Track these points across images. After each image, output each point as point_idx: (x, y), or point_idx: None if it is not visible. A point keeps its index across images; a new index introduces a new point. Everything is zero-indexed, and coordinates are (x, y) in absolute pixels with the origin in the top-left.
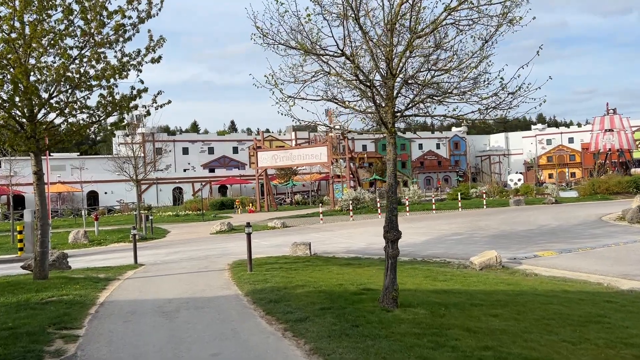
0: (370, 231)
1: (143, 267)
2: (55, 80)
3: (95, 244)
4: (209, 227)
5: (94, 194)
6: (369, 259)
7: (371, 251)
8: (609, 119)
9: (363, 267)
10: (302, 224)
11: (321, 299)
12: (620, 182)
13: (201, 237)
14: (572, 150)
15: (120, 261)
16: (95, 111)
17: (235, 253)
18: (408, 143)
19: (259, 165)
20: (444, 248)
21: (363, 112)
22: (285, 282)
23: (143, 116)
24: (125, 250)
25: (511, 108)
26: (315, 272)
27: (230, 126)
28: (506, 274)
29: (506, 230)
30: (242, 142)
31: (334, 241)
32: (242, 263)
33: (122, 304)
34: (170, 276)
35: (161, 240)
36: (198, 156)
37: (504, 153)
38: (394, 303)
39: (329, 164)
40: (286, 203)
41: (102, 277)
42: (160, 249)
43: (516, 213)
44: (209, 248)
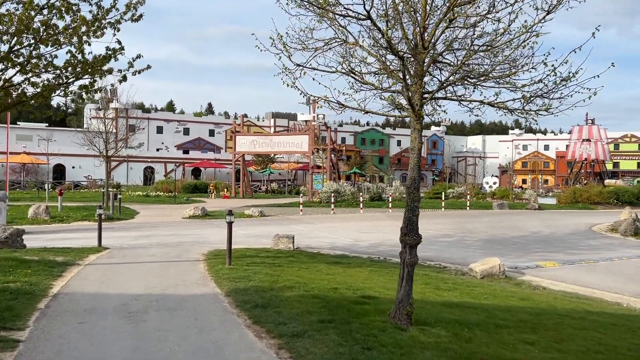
0: (354, 227)
1: (108, 251)
2: (17, 32)
3: (57, 221)
4: (181, 211)
5: (61, 167)
6: (357, 257)
7: (358, 249)
8: (587, 129)
9: (353, 268)
10: (281, 214)
11: (317, 307)
12: (602, 193)
13: (173, 221)
14: (547, 158)
15: (83, 242)
16: (63, 71)
17: (210, 241)
18: (387, 139)
19: (237, 150)
20: (435, 251)
21: (386, 90)
22: (270, 281)
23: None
24: (89, 230)
25: (562, 98)
26: (302, 271)
27: (207, 108)
28: (511, 285)
29: (497, 235)
30: (219, 125)
31: (317, 235)
32: (219, 254)
33: (79, 298)
34: (138, 265)
35: (129, 221)
36: (172, 136)
37: (480, 155)
38: (408, 320)
39: (310, 153)
40: (261, 191)
41: (59, 260)
42: (128, 232)
43: (501, 217)
44: (182, 234)
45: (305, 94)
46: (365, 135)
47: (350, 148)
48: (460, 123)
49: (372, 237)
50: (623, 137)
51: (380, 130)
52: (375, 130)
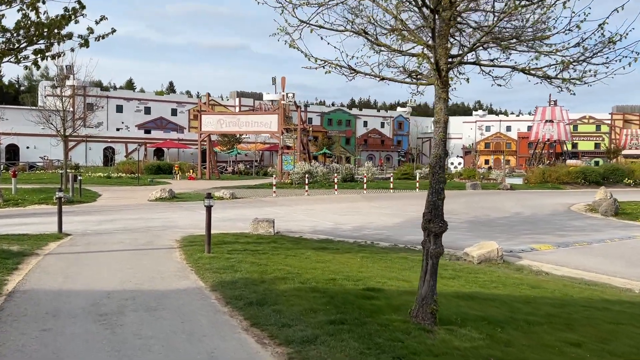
0: (332, 209)
1: (70, 238)
2: None
3: (12, 205)
4: (146, 193)
5: (14, 147)
6: (343, 242)
7: (342, 233)
8: (550, 109)
9: (342, 253)
10: (253, 195)
11: (320, 303)
12: (570, 173)
13: (138, 204)
14: (509, 139)
15: (41, 228)
16: (14, 35)
17: (181, 226)
18: (353, 119)
19: (203, 130)
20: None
21: (404, 53)
22: (258, 271)
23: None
24: (47, 214)
25: (607, 63)
26: (290, 259)
27: (169, 87)
28: (513, 271)
29: (480, 217)
30: (181, 104)
31: (295, 218)
32: (194, 240)
33: (40, 297)
34: (105, 254)
35: (91, 204)
36: (133, 115)
37: None
38: (433, 319)
39: (279, 133)
40: (228, 172)
41: (14, 250)
42: (91, 216)
43: (477, 197)
44: (149, 218)
45: (309, 56)
46: (331, 115)
47: (317, 129)
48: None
49: (353, 220)
50: (581, 118)
51: (346, 111)
52: (341, 110)
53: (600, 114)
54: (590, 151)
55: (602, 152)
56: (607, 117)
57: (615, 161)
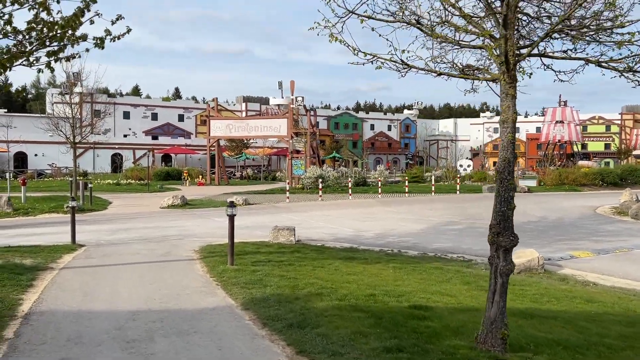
0: (349, 215)
1: (84, 249)
2: None
3: (22, 214)
4: (157, 200)
5: (22, 155)
6: (369, 251)
7: (364, 240)
8: (560, 110)
9: (372, 264)
10: (266, 201)
11: (367, 324)
12: (587, 174)
13: (151, 212)
14: (518, 140)
15: (53, 239)
16: (26, 37)
17: (197, 234)
18: (360, 123)
19: (212, 135)
20: (449, 241)
21: (464, 45)
22: (289, 286)
23: (96, 45)
24: (58, 224)
25: None
26: (318, 271)
27: (175, 93)
28: (557, 281)
29: None
30: (188, 109)
31: (313, 225)
32: (214, 250)
33: (58, 320)
34: (123, 267)
35: (102, 212)
36: (140, 122)
37: (452, 139)
38: (504, 345)
39: (289, 137)
40: (236, 177)
41: (28, 264)
42: (103, 225)
43: None
44: (164, 226)
45: (357, 50)
46: (338, 119)
47: (323, 132)
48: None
49: (374, 226)
50: (591, 119)
51: (353, 114)
52: (348, 114)
53: (610, 114)
54: (601, 152)
55: (612, 153)
56: (617, 117)
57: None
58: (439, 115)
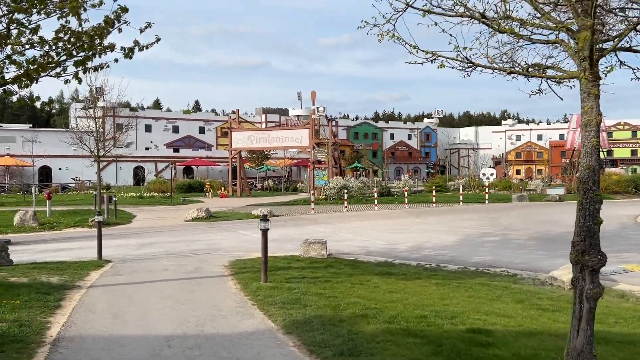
0: (378, 226)
1: (110, 265)
2: None
3: (47, 228)
4: (180, 213)
5: (47, 169)
6: (405, 265)
7: (398, 254)
8: None
9: (412, 280)
10: (291, 213)
11: (425, 352)
12: (620, 182)
13: (175, 225)
14: (541, 148)
15: (79, 254)
16: (52, 47)
17: (225, 248)
18: (380, 132)
19: (233, 147)
20: (488, 254)
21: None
22: (331, 306)
23: (125, 55)
24: (83, 238)
25: None
26: (357, 288)
27: (195, 106)
28: (616, 298)
29: (542, 232)
30: (209, 122)
31: (342, 237)
32: (245, 265)
33: (89, 346)
34: (153, 285)
35: (127, 226)
36: (162, 134)
37: (473, 147)
38: None
39: (311, 148)
40: (257, 188)
41: (55, 282)
42: (129, 239)
43: (529, 210)
44: (190, 240)
45: (417, 48)
46: (357, 129)
47: (343, 142)
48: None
49: (406, 239)
50: (616, 125)
51: (372, 124)
52: (367, 123)
53: (636, 119)
54: (627, 158)
55: (639, 159)
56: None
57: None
58: (458, 123)
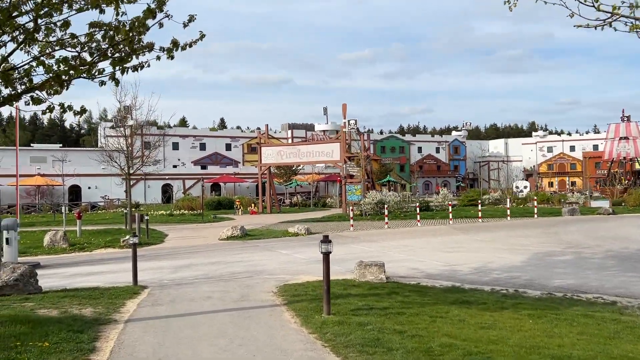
0: (428, 244)
1: (147, 292)
2: None
3: (77, 249)
4: (213, 231)
5: (76, 188)
6: (478, 291)
7: (464, 277)
8: (624, 126)
9: (496, 310)
10: (328, 230)
11: None
12: None
13: (210, 245)
14: (574, 159)
15: (112, 278)
16: (85, 46)
17: (268, 270)
18: (407, 146)
19: (263, 162)
20: (568, 276)
21: None
22: (421, 349)
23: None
24: (115, 260)
25: None
26: (440, 323)
27: (220, 123)
28: None
29: (617, 250)
30: (235, 138)
31: (394, 258)
32: (297, 291)
33: None
34: (198, 319)
35: (160, 246)
36: (189, 152)
37: (503, 159)
38: None
39: (342, 162)
40: (285, 204)
41: (88, 315)
42: (163, 260)
43: (589, 225)
44: (228, 261)
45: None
46: (384, 142)
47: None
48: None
49: (465, 259)
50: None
51: (399, 137)
52: (394, 137)
53: None
54: None
55: None
56: None
57: None
58: (485, 136)
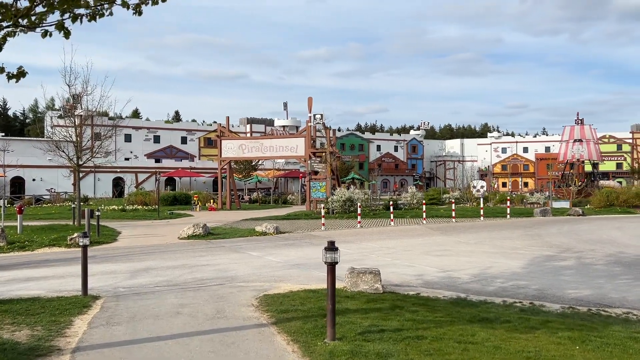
0: (412, 246)
1: (100, 304)
2: None
3: (17, 248)
4: (171, 229)
5: (19, 180)
6: (488, 304)
7: (465, 285)
8: (579, 129)
9: (528, 331)
10: (297, 228)
11: None
12: (639, 194)
13: (170, 244)
14: (527, 160)
15: (57, 284)
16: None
17: (241, 276)
18: (366, 144)
19: (223, 156)
20: (581, 285)
21: None
22: None
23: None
24: (61, 262)
25: None
26: (472, 351)
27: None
28: None
29: (613, 254)
30: (191, 131)
31: (378, 262)
32: (283, 307)
33: None
34: (169, 346)
35: (113, 245)
36: (142, 144)
37: (459, 159)
38: None
39: (307, 158)
40: (244, 201)
41: (22, 342)
42: (117, 263)
43: (567, 227)
44: (194, 265)
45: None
46: (344, 140)
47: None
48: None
49: (458, 264)
50: (602, 137)
51: (359, 135)
52: (354, 135)
53: (621, 132)
54: (613, 171)
55: (625, 172)
56: (627, 136)
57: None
58: (440, 136)
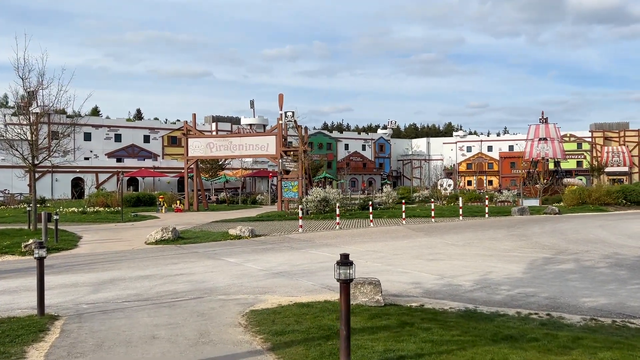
0: (400, 249)
1: (60, 327)
2: None
3: None
4: (137, 232)
5: None
6: (503, 315)
7: (469, 294)
8: (544, 127)
9: (569, 353)
10: (273, 231)
11: None
12: (610, 192)
13: (137, 250)
14: (491, 159)
15: (7, 301)
16: None
17: (220, 288)
18: (334, 143)
19: (190, 155)
20: (593, 292)
21: None
22: None
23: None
24: (14, 273)
25: None
26: None
27: (136, 115)
28: None
29: (609, 255)
30: (154, 130)
31: (369, 268)
32: (277, 328)
33: None
34: None
35: (74, 252)
36: (102, 143)
37: (425, 158)
38: None
39: (278, 156)
40: (211, 201)
41: None
42: (79, 273)
43: (549, 226)
44: (166, 275)
45: None
46: (312, 139)
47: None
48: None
49: (454, 269)
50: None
51: (327, 134)
52: (322, 133)
53: (580, 131)
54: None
55: (585, 170)
56: (587, 135)
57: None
58: (405, 135)
